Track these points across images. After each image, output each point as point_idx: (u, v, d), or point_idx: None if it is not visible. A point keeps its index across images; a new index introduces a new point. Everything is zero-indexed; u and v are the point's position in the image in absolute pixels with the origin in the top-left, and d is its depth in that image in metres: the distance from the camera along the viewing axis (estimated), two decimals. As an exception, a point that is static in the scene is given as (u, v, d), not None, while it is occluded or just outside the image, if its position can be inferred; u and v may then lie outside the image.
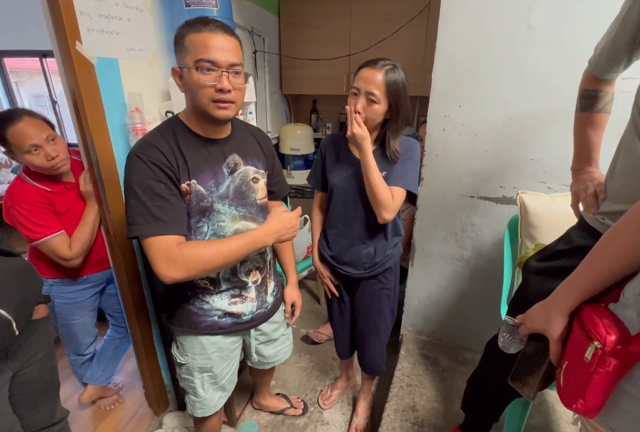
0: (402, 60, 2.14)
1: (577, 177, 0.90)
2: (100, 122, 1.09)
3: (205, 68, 0.76)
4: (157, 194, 0.78)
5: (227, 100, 0.79)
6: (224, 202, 0.89)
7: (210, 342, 1.00)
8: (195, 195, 0.85)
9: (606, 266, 0.51)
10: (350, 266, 1.19)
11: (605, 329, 0.47)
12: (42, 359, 0.88)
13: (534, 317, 0.61)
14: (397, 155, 1.07)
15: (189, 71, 0.77)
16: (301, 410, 1.55)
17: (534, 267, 0.87)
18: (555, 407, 1.40)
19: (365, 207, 1.10)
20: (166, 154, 0.80)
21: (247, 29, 1.98)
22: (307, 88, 2.48)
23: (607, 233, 0.53)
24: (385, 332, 1.31)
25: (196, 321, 0.97)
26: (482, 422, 1.15)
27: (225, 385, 1.10)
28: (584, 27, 1.11)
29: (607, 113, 0.85)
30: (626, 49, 0.71)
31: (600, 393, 0.47)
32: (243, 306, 1.00)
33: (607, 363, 0.46)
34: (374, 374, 1.42)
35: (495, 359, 1.01)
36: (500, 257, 1.27)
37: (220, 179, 0.88)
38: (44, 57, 3.27)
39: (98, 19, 1.06)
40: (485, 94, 1.30)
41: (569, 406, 0.52)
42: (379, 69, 0.97)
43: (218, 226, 0.90)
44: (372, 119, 1.01)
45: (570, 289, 0.56)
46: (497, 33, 1.22)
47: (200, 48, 0.75)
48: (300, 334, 1.99)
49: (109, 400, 1.60)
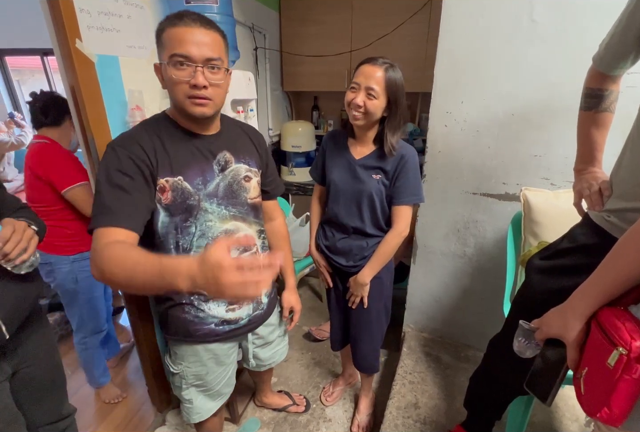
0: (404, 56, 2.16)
1: (579, 176, 0.88)
2: (100, 120, 1.09)
3: (179, 62, 0.73)
4: (118, 186, 0.74)
5: (203, 97, 0.77)
6: (212, 200, 0.87)
7: (206, 349, 0.98)
8: (180, 193, 0.82)
9: (623, 270, 0.50)
10: (342, 256, 1.20)
11: (629, 334, 0.45)
12: (44, 357, 0.88)
13: (550, 322, 0.60)
14: (393, 151, 1.07)
15: (166, 67, 0.75)
16: (304, 407, 1.55)
17: (537, 265, 0.86)
18: (558, 404, 1.40)
19: (360, 203, 1.13)
20: (144, 147, 0.77)
21: (247, 26, 1.96)
22: (308, 85, 2.46)
23: (622, 237, 0.52)
24: (377, 328, 1.30)
25: (192, 329, 0.94)
26: (484, 420, 1.15)
27: (222, 390, 1.08)
28: (588, 21, 1.10)
29: (611, 112, 0.84)
30: (634, 43, 0.69)
31: (626, 401, 0.46)
32: (240, 311, 0.98)
33: (634, 370, 0.44)
34: (366, 372, 1.41)
35: (497, 358, 1.01)
36: (502, 255, 1.26)
37: (209, 176, 0.86)
38: (45, 55, 3.27)
39: (98, 17, 1.05)
40: (488, 89, 1.29)
41: (592, 414, 0.50)
42: (379, 65, 0.99)
43: (206, 226, 0.87)
44: (372, 113, 1.02)
45: (587, 293, 0.55)
46: (499, 28, 1.21)
47: (175, 43, 0.73)
48: (302, 332, 1.99)
49: (112, 394, 1.62)
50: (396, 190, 1.10)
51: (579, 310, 0.55)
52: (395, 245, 1.15)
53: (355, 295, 1.20)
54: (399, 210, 1.12)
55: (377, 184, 1.10)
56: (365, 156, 1.13)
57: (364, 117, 1.04)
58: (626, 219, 0.66)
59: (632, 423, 0.48)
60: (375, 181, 1.10)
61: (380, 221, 1.15)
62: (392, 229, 1.14)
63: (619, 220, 0.68)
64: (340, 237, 1.20)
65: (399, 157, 1.09)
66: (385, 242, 1.15)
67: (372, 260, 1.16)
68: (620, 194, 0.70)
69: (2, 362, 0.78)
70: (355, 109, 1.02)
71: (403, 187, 1.10)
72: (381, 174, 1.10)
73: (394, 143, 1.07)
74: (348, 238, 1.19)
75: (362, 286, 1.18)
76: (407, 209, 1.12)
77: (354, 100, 1.01)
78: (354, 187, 1.12)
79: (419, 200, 1.13)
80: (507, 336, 0.88)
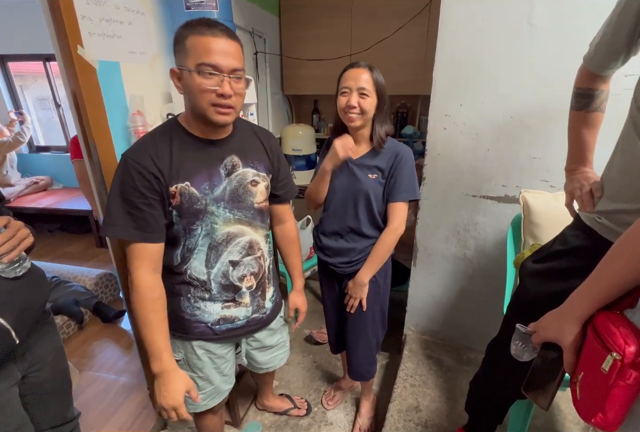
0: (403, 59, 2.17)
1: (571, 177, 0.88)
2: (102, 125, 1.10)
3: (207, 72, 0.75)
4: (131, 202, 0.81)
5: (227, 105, 0.79)
6: (218, 204, 0.88)
7: (201, 346, 0.99)
8: (187, 198, 0.84)
9: (619, 274, 0.50)
10: (338, 256, 1.20)
11: (623, 339, 0.45)
12: (52, 362, 0.89)
13: (547, 326, 0.60)
14: (382, 144, 1.12)
15: (189, 74, 0.76)
16: (305, 410, 1.55)
17: (530, 269, 0.85)
18: (560, 407, 1.39)
19: (357, 203, 1.14)
20: (155, 159, 0.80)
21: (247, 30, 1.98)
22: (308, 88, 2.48)
23: (619, 240, 0.52)
24: (373, 333, 1.28)
25: (188, 326, 0.96)
26: (486, 423, 1.15)
27: (220, 386, 1.08)
28: (587, 23, 1.10)
29: (602, 112, 0.84)
30: (625, 43, 0.69)
31: (620, 406, 0.45)
32: (236, 310, 0.98)
33: (627, 375, 0.44)
34: (361, 379, 1.38)
35: (496, 361, 1.01)
36: (503, 257, 1.26)
37: (215, 180, 0.87)
38: (48, 61, 3.31)
39: (99, 23, 1.07)
40: (487, 92, 1.29)
41: (587, 419, 0.50)
42: (363, 67, 1.05)
43: (211, 227, 0.89)
44: (367, 110, 1.06)
45: (583, 297, 0.55)
46: (498, 31, 1.22)
47: (203, 52, 0.74)
48: (304, 335, 1.99)
49: None
50: (391, 187, 1.12)
51: (575, 314, 0.55)
52: (391, 242, 1.15)
53: (354, 298, 1.20)
54: (395, 207, 1.13)
55: (374, 184, 1.12)
56: (361, 156, 1.15)
57: (360, 117, 1.07)
58: (617, 220, 0.66)
59: (627, 428, 0.47)
60: (372, 181, 1.12)
61: (377, 221, 1.16)
62: (388, 226, 1.15)
63: (609, 222, 0.68)
64: (336, 237, 1.21)
65: (394, 155, 1.11)
66: (381, 239, 1.15)
67: (369, 259, 1.16)
68: (611, 195, 0.70)
69: (12, 367, 0.79)
70: (351, 111, 1.05)
71: (398, 184, 1.11)
72: (377, 173, 1.12)
73: (383, 135, 1.12)
74: (344, 238, 1.20)
75: (361, 286, 1.17)
76: (402, 206, 1.13)
77: (349, 102, 1.05)
78: (351, 186, 1.14)
79: (414, 196, 1.14)
80: (504, 339, 0.88)
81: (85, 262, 2.93)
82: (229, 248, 0.92)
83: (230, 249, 0.92)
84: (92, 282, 2.30)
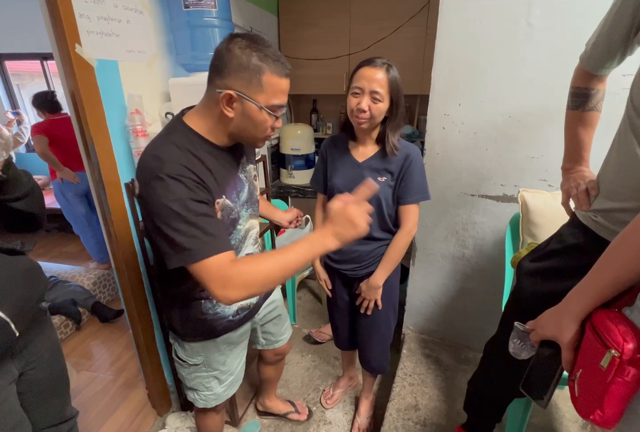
0: (402, 59, 2.17)
1: (567, 175, 0.89)
2: (100, 124, 1.10)
3: (274, 111, 0.78)
4: (203, 214, 0.71)
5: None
6: (243, 207, 0.90)
7: (223, 340, 1.01)
8: (227, 211, 0.83)
9: (616, 273, 0.50)
10: (348, 262, 1.20)
11: (622, 336, 0.45)
12: (48, 360, 0.88)
13: (545, 324, 0.60)
14: (395, 151, 1.08)
15: (258, 109, 0.75)
16: (305, 415, 1.52)
17: (527, 268, 0.86)
18: (558, 405, 1.39)
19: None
20: (198, 173, 0.74)
21: (246, 30, 1.98)
22: (307, 88, 2.47)
23: (617, 238, 0.52)
24: (387, 328, 1.30)
25: (212, 326, 0.96)
26: (484, 422, 1.15)
27: (239, 375, 1.12)
28: (584, 23, 1.10)
29: (598, 111, 0.84)
30: (621, 42, 0.69)
31: (618, 403, 0.46)
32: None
33: (626, 372, 0.44)
34: (375, 373, 1.41)
35: (494, 360, 1.01)
36: (501, 256, 1.26)
37: (239, 186, 0.88)
38: (45, 60, 3.29)
39: (97, 21, 1.06)
40: (485, 92, 1.30)
41: (585, 416, 0.50)
42: (380, 67, 0.98)
43: (236, 229, 0.89)
44: (377, 116, 1.02)
45: (581, 295, 0.55)
46: (496, 30, 1.22)
47: (279, 94, 0.77)
48: (303, 334, 1.99)
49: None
50: (403, 189, 1.10)
51: (573, 312, 0.55)
52: (405, 244, 1.14)
53: (368, 299, 1.19)
54: (407, 210, 1.12)
55: (383, 187, 1.09)
56: (369, 158, 1.12)
57: (368, 121, 1.03)
58: (613, 219, 0.67)
59: (625, 425, 0.47)
60: (382, 184, 1.09)
61: (387, 224, 1.15)
62: (401, 229, 1.14)
63: (605, 220, 0.68)
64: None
65: (404, 157, 1.08)
66: (394, 242, 1.15)
67: (383, 261, 1.16)
68: (607, 193, 0.70)
69: (10, 365, 0.78)
70: (360, 114, 1.01)
71: (410, 186, 1.09)
72: (387, 175, 1.10)
73: (396, 142, 1.08)
74: (353, 244, 1.18)
75: (376, 289, 1.17)
76: (414, 208, 1.12)
77: (359, 105, 0.99)
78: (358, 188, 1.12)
79: (426, 198, 1.13)
80: (502, 338, 0.88)
81: (84, 261, 2.92)
82: (245, 243, 0.95)
83: (246, 243, 0.95)
84: (91, 281, 2.29)
